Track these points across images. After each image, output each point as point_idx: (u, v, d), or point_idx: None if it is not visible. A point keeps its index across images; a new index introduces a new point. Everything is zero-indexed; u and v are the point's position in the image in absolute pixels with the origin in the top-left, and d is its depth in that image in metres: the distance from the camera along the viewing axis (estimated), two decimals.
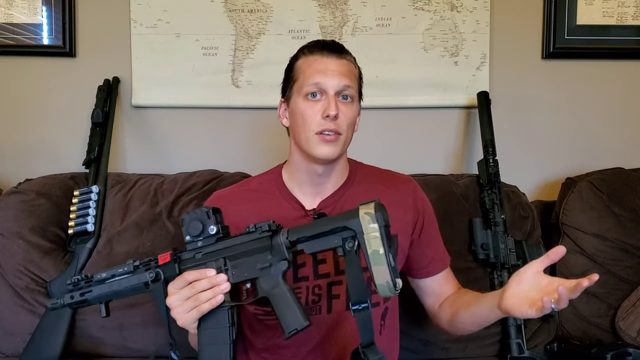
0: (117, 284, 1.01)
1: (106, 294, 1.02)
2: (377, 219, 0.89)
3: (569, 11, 1.81)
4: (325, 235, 0.92)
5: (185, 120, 1.83)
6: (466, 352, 1.49)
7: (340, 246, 0.91)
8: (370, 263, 0.88)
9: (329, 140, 1.08)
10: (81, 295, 1.03)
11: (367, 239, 0.88)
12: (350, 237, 0.90)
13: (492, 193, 1.56)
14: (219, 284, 0.95)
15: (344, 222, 0.91)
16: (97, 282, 1.02)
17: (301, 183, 1.17)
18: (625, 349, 1.33)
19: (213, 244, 0.99)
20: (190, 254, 1.00)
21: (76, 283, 1.04)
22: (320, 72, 1.10)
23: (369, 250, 0.88)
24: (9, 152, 1.81)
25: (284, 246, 0.95)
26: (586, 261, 1.58)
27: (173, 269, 0.99)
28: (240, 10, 1.79)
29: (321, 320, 1.13)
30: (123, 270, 1.01)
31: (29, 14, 1.78)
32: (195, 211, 1.00)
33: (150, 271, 0.99)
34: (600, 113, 1.85)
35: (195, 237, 0.99)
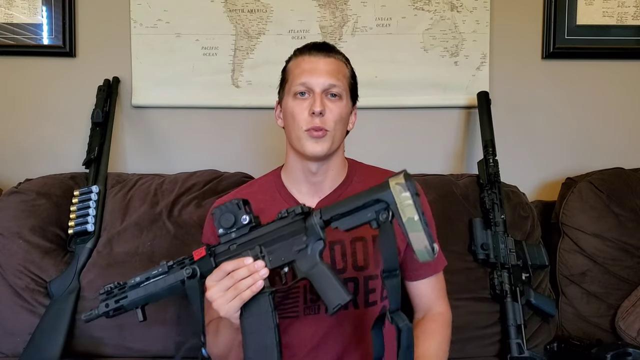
0: (152, 286, 1.01)
1: (142, 298, 1.01)
2: (409, 188, 0.89)
3: (569, 11, 1.81)
4: (358, 210, 0.93)
5: (185, 120, 1.83)
6: (466, 352, 1.49)
7: (374, 219, 0.91)
8: (407, 231, 0.89)
9: (316, 136, 1.11)
10: (116, 303, 1.02)
11: (401, 208, 0.89)
12: (384, 209, 0.91)
13: (492, 193, 1.56)
14: (257, 270, 0.96)
15: (375, 195, 0.91)
16: (131, 287, 1.02)
17: (298, 183, 1.19)
18: (625, 349, 1.33)
19: (247, 233, 1.00)
20: (224, 247, 1.00)
21: (109, 291, 1.03)
22: (307, 72, 1.13)
23: (403, 219, 0.89)
24: (9, 152, 1.81)
25: (318, 226, 0.95)
26: (586, 261, 1.58)
27: (209, 264, 0.99)
28: (240, 10, 1.79)
29: (320, 319, 1.14)
30: (158, 272, 1.01)
31: (29, 14, 1.78)
32: (225, 204, 1.01)
33: (187, 268, 0.99)
34: (600, 113, 1.86)
35: (228, 229, 1.00)
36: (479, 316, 1.50)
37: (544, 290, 1.56)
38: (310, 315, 1.14)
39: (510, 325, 1.45)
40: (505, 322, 1.46)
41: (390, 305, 0.95)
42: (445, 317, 1.24)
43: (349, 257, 1.15)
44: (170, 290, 1.01)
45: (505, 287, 1.48)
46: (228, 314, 0.96)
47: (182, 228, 1.51)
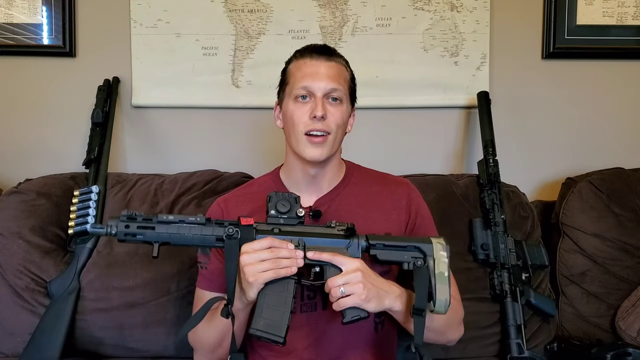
0: (186, 229, 1.01)
1: (169, 236, 1.00)
2: (447, 250, 1.05)
3: (569, 11, 1.81)
4: (399, 248, 1.06)
5: (185, 120, 1.83)
6: (466, 352, 1.49)
7: (408, 262, 1.05)
8: (436, 281, 1.03)
9: (317, 142, 1.12)
10: (139, 228, 1.00)
11: (437, 263, 1.04)
12: (421, 257, 1.05)
13: (492, 193, 1.56)
14: (297, 257, 1.00)
15: (418, 244, 1.06)
16: (160, 222, 1.01)
17: (297, 182, 1.21)
18: (625, 349, 1.33)
19: (294, 225, 1.05)
20: (268, 227, 1.04)
21: (132, 217, 1.01)
22: (309, 75, 1.14)
23: (436, 271, 1.03)
24: (9, 152, 1.81)
25: (360, 247, 1.04)
26: (586, 261, 1.58)
27: (251, 234, 1.01)
28: (240, 10, 1.79)
29: (317, 317, 1.14)
30: (194, 220, 1.01)
31: (29, 14, 1.78)
32: (284, 194, 1.06)
33: (229, 227, 1.00)
34: (600, 113, 1.86)
35: (281, 213, 1.04)
36: (479, 316, 1.50)
37: (544, 290, 1.56)
38: (306, 312, 1.15)
39: (510, 325, 1.45)
40: (505, 322, 1.46)
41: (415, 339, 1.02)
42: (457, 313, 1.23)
43: None
44: (201, 241, 1.01)
45: (505, 287, 1.48)
46: (256, 282, 0.98)
47: None
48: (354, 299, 0.99)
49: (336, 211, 1.17)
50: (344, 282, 0.99)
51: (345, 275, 1.00)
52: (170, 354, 1.46)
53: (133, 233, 1.00)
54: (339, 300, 0.99)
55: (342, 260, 1.01)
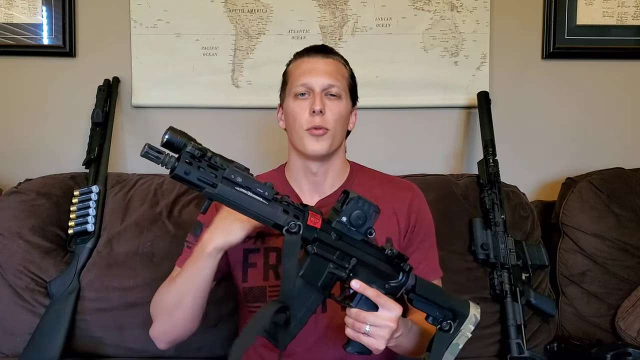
0: (249, 200, 0.88)
1: (229, 200, 0.88)
2: (477, 325, 1.00)
3: (569, 11, 1.81)
4: (436, 304, 0.99)
5: (185, 120, 1.81)
6: (466, 352, 1.46)
7: (437, 319, 0.99)
8: (447, 349, 0.99)
9: (317, 134, 1.12)
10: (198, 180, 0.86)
11: (461, 333, 0.99)
12: (451, 319, 0.99)
13: (492, 193, 1.56)
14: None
15: (456, 308, 1.00)
16: (227, 179, 0.88)
17: (300, 182, 1.20)
18: (625, 349, 1.33)
19: (355, 241, 0.95)
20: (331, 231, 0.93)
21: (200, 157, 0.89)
22: (307, 72, 1.15)
23: (454, 341, 0.99)
24: (9, 152, 1.81)
25: (403, 288, 0.98)
26: (586, 261, 1.58)
27: (312, 234, 0.91)
28: (240, 10, 1.79)
29: (317, 319, 1.14)
30: (261, 192, 0.89)
31: (29, 14, 1.78)
32: (368, 202, 0.93)
33: (293, 222, 0.89)
34: (600, 113, 1.85)
35: (350, 225, 0.93)
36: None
37: (544, 290, 1.56)
38: None
39: (510, 325, 1.45)
40: (505, 322, 1.46)
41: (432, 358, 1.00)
42: None
43: None
44: (258, 219, 0.90)
45: (505, 287, 1.48)
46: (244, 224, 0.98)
47: (182, 228, 1.51)
48: (371, 343, 0.93)
49: None
50: (373, 323, 0.92)
51: (379, 317, 0.93)
52: (170, 354, 1.45)
53: (190, 181, 0.86)
54: (358, 335, 0.93)
55: (385, 303, 0.93)
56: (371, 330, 0.92)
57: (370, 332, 0.92)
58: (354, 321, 0.94)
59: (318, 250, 0.92)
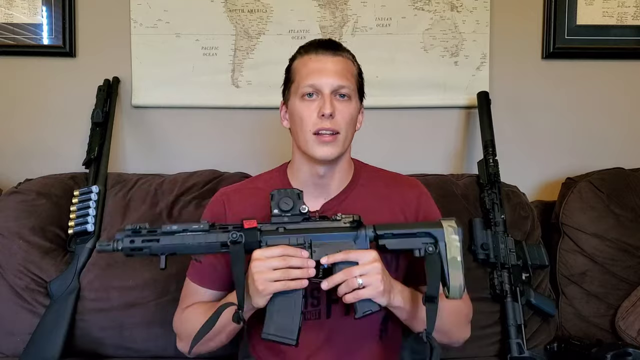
0: (191, 238, 1.00)
1: (175, 246, 1.00)
2: (459, 233, 1.02)
3: (569, 11, 1.81)
4: (408, 236, 1.03)
5: (185, 120, 1.83)
6: (466, 352, 1.48)
7: (419, 249, 1.02)
8: (448, 267, 1.00)
9: (326, 140, 1.09)
10: (144, 242, 0.99)
11: (449, 247, 1.01)
12: (432, 243, 1.01)
13: (492, 193, 1.56)
14: (309, 267, 0.97)
15: (428, 229, 1.03)
16: (165, 233, 1.00)
17: (304, 184, 1.16)
18: (625, 349, 1.33)
19: (299, 222, 1.02)
20: (273, 227, 1.02)
21: (137, 230, 1.00)
22: (315, 72, 1.10)
23: (449, 256, 1.01)
24: (9, 152, 1.81)
25: (368, 238, 1.02)
26: (586, 261, 1.58)
27: (255, 236, 1.00)
28: (240, 10, 1.79)
29: (320, 325, 1.13)
30: (198, 227, 1.00)
31: (29, 14, 1.78)
32: (286, 190, 1.03)
33: (234, 233, 0.99)
34: (600, 113, 1.85)
35: (284, 212, 1.02)
36: (479, 316, 1.49)
37: (544, 290, 1.56)
38: (310, 320, 1.13)
39: (510, 325, 1.45)
40: (505, 322, 1.46)
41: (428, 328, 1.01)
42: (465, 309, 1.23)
43: None
44: (207, 248, 1.00)
45: (505, 287, 1.48)
46: (265, 291, 0.96)
47: None
48: (371, 291, 0.97)
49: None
50: (361, 272, 0.97)
51: (363, 266, 0.97)
52: (170, 354, 1.46)
53: (139, 247, 0.99)
54: (356, 292, 0.96)
55: (357, 255, 0.99)
56: (364, 280, 0.96)
57: (364, 282, 0.96)
58: (345, 283, 0.97)
59: (271, 244, 1.00)
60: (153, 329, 1.45)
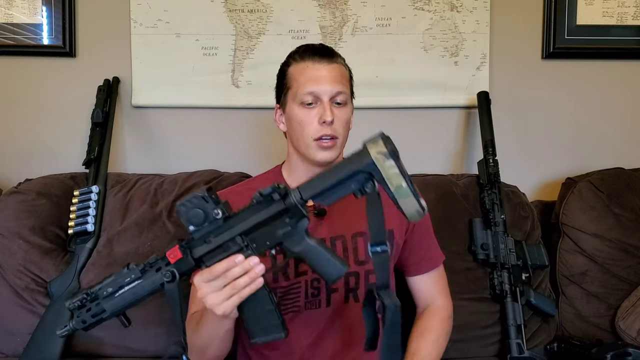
0: (129, 294, 0.96)
1: (121, 308, 0.97)
2: (392, 155, 0.89)
3: (569, 11, 1.81)
4: (339, 184, 0.91)
5: (185, 120, 1.83)
6: (466, 352, 1.49)
7: (359, 189, 0.91)
8: (397, 199, 0.89)
9: (327, 146, 1.13)
10: (93, 317, 0.97)
11: (387, 178, 0.88)
12: (369, 180, 0.90)
13: (492, 193, 1.56)
14: (252, 267, 0.91)
15: (357, 167, 0.89)
16: (105, 297, 0.96)
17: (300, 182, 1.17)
18: (625, 349, 1.33)
19: (222, 225, 0.94)
20: (200, 242, 0.95)
21: (81, 305, 0.97)
22: (313, 80, 1.13)
23: (392, 188, 0.88)
24: (9, 152, 1.81)
25: (299, 205, 0.93)
26: (586, 261, 1.58)
27: (188, 263, 0.95)
28: (240, 10, 1.79)
29: (320, 314, 1.15)
30: (131, 279, 0.96)
31: (29, 14, 1.78)
32: (189, 199, 0.93)
33: (165, 271, 0.94)
34: (600, 113, 1.85)
35: (199, 225, 0.94)
36: (479, 316, 1.50)
37: (544, 290, 1.56)
38: (311, 309, 1.15)
39: (510, 325, 1.45)
40: (505, 322, 1.46)
41: (378, 281, 0.96)
42: (444, 312, 1.27)
43: (350, 252, 1.17)
44: (151, 294, 0.97)
45: (505, 287, 1.48)
46: (226, 312, 0.93)
47: (182, 228, 1.48)
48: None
49: (340, 210, 1.16)
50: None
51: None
52: (171, 354, 1.45)
53: (92, 323, 0.97)
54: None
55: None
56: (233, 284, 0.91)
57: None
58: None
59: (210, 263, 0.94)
60: (153, 329, 1.45)
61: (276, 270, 1.00)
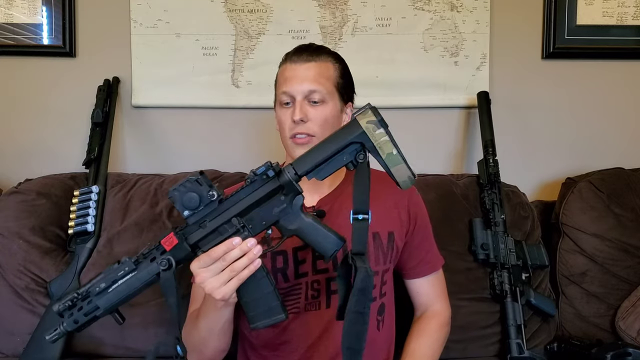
0: (124, 287, 0.93)
1: (116, 303, 0.94)
2: (381, 124, 0.92)
3: (569, 11, 1.81)
4: (332, 157, 0.92)
5: (185, 120, 1.83)
6: (466, 352, 1.49)
7: (351, 161, 0.93)
8: (389, 166, 0.92)
9: (301, 142, 1.13)
10: (86, 315, 0.93)
11: (379, 146, 0.91)
12: (360, 150, 0.92)
13: (492, 193, 1.56)
14: (250, 249, 0.91)
15: (349, 139, 0.91)
16: (98, 294, 0.93)
17: None
18: (625, 349, 1.33)
19: (217, 208, 0.94)
20: (195, 227, 0.94)
21: (72, 305, 0.94)
22: (288, 80, 1.15)
23: (383, 156, 0.91)
24: (9, 152, 1.81)
25: (294, 182, 0.93)
26: (586, 261, 1.58)
27: (184, 250, 0.93)
28: (240, 10, 1.79)
29: (320, 316, 1.15)
30: (124, 272, 0.93)
31: (29, 14, 1.78)
32: (183, 184, 0.92)
33: (160, 260, 0.92)
34: (600, 113, 1.85)
35: (195, 209, 0.93)
36: (479, 316, 1.50)
37: (544, 290, 1.56)
38: (311, 311, 1.15)
39: (510, 325, 1.45)
40: (505, 322, 1.46)
41: (354, 247, 0.96)
42: (442, 317, 1.27)
43: None
44: (147, 286, 0.94)
45: (505, 287, 1.48)
46: (225, 296, 0.92)
47: None
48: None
49: (339, 210, 1.16)
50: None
51: None
52: (170, 354, 1.45)
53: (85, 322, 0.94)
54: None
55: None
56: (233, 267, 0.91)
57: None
58: None
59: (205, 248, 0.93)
60: (153, 329, 1.45)
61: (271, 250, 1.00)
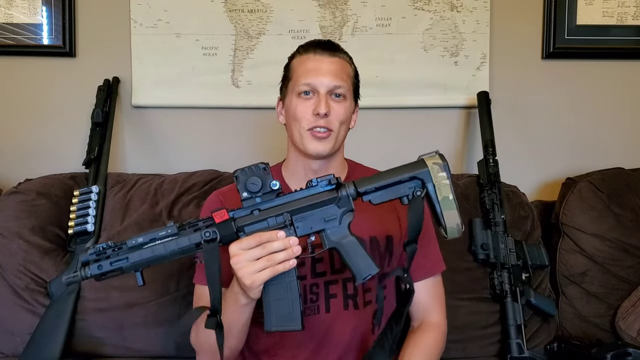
0: (162, 247, 0.92)
1: (147, 260, 0.92)
2: (446, 168, 0.96)
3: (569, 11, 1.81)
4: (392, 185, 0.96)
5: (185, 120, 1.83)
6: (466, 352, 1.49)
7: (406, 195, 0.96)
8: (442, 209, 0.95)
9: (320, 136, 1.11)
10: (112, 264, 0.91)
11: (438, 187, 0.95)
12: (419, 186, 0.96)
13: (492, 193, 1.56)
14: (292, 246, 0.92)
15: (412, 173, 0.96)
16: (132, 248, 0.92)
17: (299, 180, 1.18)
18: (625, 349, 1.33)
19: (273, 199, 0.95)
20: (247, 211, 0.95)
21: (101, 251, 0.92)
22: (312, 72, 1.12)
23: (439, 197, 0.95)
24: (9, 152, 1.81)
25: (351, 198, 0.96)
26: (586, 261, 1.58)
27: (230, 228, 0.94)
28: (240, 10, 1.79)
29: (320, 320, 1.14)
30: (166, 233, 0.93)
31: (29, 14, 1.78)
32: (250, 167, 0.94)
33: (205, 230, 0.92)
34: (600, 113, 1.86)
35: (254, 193, 0.94)
36: (479, 316, 1.50)
37: (544, 290, 1.56)
38: (311, 315, 1.14)
39: (510, 325, 1.45)
40: (505, 322, 1.46)
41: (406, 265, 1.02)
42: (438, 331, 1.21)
43: None
44: (182, 253, 0.93)
45: (505, 287, 1.48)
46: (254, 284, 0.91)
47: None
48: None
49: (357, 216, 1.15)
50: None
51: None
52: (170, 354, 1.46)
53: (109, 270, 0.92)
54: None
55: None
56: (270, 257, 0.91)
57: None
58: None
59: (249, 232, 0.94)
60: (153, 329, 1.45)
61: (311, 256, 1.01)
